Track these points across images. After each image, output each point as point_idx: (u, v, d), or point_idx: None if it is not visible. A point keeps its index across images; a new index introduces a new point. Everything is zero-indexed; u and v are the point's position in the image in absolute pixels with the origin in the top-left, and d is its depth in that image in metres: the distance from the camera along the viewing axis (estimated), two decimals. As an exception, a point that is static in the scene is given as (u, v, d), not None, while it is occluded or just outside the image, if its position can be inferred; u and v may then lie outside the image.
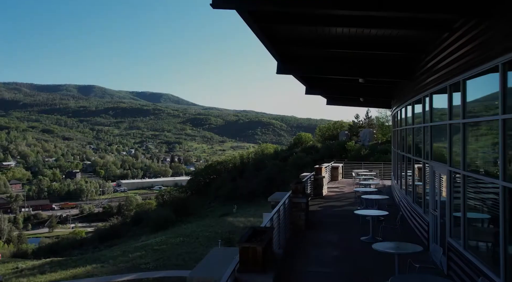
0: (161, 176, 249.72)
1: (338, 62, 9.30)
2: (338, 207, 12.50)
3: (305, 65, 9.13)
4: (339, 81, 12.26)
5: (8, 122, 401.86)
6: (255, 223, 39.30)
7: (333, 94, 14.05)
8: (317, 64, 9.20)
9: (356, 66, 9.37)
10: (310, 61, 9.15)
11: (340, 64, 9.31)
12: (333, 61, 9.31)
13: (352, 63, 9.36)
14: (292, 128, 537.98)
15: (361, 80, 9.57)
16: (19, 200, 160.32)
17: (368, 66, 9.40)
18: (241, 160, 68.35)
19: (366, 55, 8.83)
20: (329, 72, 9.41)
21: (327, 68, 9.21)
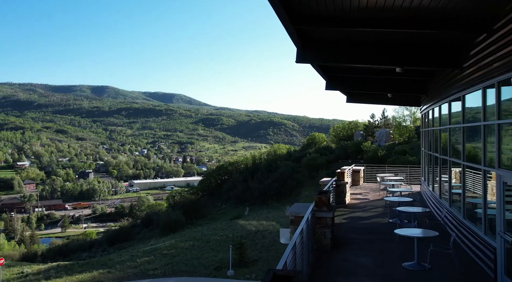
0: (173, 176, 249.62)
1: (369, 47, 7.67)
2: (365, 219, 10.58)
3: (329, 52, 7.52)
4: (365, 73, 10.62)
5: (23, 122, 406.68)
6: (268, 228, 37.80)
7: (357, 89, 12.32)
8: (343, 49, 7.53)
9: (392, 52, 7.71)
10: (335, 47, 7.56)
11: (372, 49, 7.64)
12: (363, 46, 7.69)
13: (387, 47, 7.70)
14: (304, 128, 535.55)
15: (399, 70, 7.87)
16: (33, 200, 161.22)
17: (408, 52, 7.71)
18: (253, 160, 66.95)
19: (407, 36, 7.16)
20: (357, 59, 7.66)
21: (355, 55, 7.53)
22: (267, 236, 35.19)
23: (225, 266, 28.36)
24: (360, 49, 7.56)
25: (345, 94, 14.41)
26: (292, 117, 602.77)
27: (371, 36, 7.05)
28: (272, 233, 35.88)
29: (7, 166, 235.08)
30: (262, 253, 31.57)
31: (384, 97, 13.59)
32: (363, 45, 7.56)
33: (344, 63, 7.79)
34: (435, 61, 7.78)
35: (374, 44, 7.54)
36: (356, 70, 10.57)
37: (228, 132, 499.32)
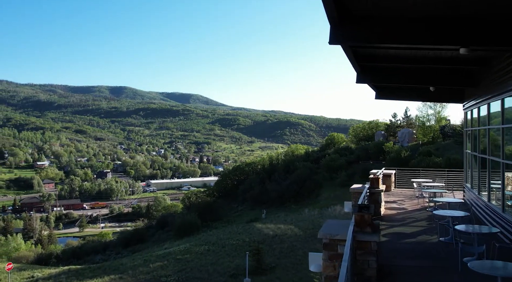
0: (190, 177, 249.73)
1: (423, 24, 5.99)
2: (410, 237, 8.49)
3: (371, 28, 5.90)
4: (405, 61, 8.93)
5: (43, 122, 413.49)
6: (286, 232, 36.20)
7: (393, 81, 10.59)
8: (391, 25, 5.92)
9: (456, 29, 6.00)
10: (380, 22, 5.95)
11: (424, 25, 5.93)
12: (416, 23, 6.02)
13: (446, 24, 5.99)
14: (321, 128, 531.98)
15: (464, 51, 6.19)
16: (52, 200, 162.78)
17: (473, 29, 5.99)
18: (270, 161, 65.45)
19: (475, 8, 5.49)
20: (408, 38, 5.98)
21: (405, 32, 5.87)
22: (285, 241, 33.61)
23: (241, 273, 26.91)
24: (411, 24, 5.92)
25: (376, 88, 12.75)
26: (309, 117, 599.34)
27: (430, 8, 5.41)
28: (290, 237, 34.28)
29: (27, 166, 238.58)
30: (280, 260, 30.01)
31: (422, 91, 11.88)
32: (418, 22, 5.91)
33: (390, 42, 6.15)
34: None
35: (431, 19, 5.88)
36: (395, 58, 8.93)
37: (245, 132, 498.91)
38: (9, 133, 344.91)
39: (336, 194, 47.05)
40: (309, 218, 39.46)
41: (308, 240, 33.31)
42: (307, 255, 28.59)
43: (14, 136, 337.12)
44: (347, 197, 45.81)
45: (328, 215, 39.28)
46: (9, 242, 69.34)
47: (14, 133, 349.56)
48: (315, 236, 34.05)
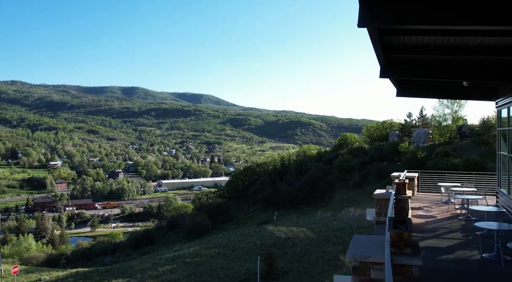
0: (201, 177, 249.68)
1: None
2: (446, 253, 6.93)
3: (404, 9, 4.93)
4: (435, 51, 7.86)
5: (56, 123, 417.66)
6: (298, 235, 35.16)
7: (422, 75, 9.43)
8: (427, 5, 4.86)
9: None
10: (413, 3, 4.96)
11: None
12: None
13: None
14: (333, 128, 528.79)
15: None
16: (64, 199, 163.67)
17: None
18: (281, 162, 64.38)
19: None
20: (452, 17, 4.86)
21: (448, 10, 4.79)
22: (298, 244, 32.57)
23: (252, 278, 25.99)
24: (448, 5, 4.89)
25: (399, 84, 11.65)
26: (320, 117, 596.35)
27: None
28: (303, 241, 33.23)
29: (40, 166, 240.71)
30: (292, 264, 29.01)
31: (452, 87, 10.80)
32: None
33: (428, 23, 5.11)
34: None
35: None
36: (426, 48, 7.88)
37: (256, 132, 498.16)
38: (23, 133, 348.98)
39: (350, 195, 45.88)
40: (322, 221, 38.35)
41: (322, 244, 32.25)
42: (320, 259, 27.52)
43: (28, 136, 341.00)
44: (361, 199, 44.53)
45: (342, 218, 38.14)
46: (21, 242, 69.39)
47: (28, 133, 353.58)
48: (329, 239, 33.00)
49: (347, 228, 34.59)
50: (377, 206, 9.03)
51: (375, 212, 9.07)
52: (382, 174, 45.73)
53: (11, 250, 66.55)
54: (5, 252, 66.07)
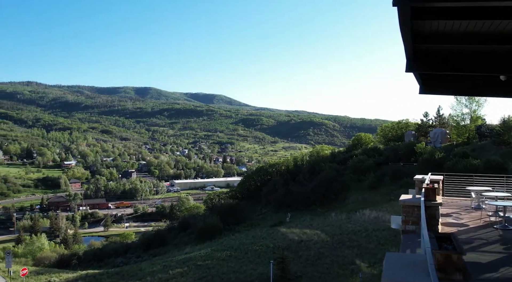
0: (213, 177, 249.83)
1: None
2: (489, 270, 5.27)
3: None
4: (471, 40, 6.99)
5: (70, 123, 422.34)
6: (312, 237, 34.25)
7: (454, 68, 8.52)
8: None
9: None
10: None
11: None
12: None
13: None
14: (345, 128, 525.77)
15: None
16: (78, 199, 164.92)
17: None
18: (294, 162, 63.46)
19: None
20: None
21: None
22: (312, 247, 31.69)
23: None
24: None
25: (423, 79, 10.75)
26: (332, 117, 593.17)
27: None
28: (317, 244, 32.33)
29: (55, 165, 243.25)
30: (306, 268, 28.16)
31: (485, 82, 9.87)
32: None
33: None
34: None
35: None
36: (457, 37, 7.02)
37: (268, 132, 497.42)
38: (38, 133, 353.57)
39: (364, 197, 44.81)
40: (336, 223, 37.36)
41: (336, 247, 31.32)
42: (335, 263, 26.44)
43: (43, 136, 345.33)
44: (377, 201, 43.31)
45: (357, 220, 37.12)
46: (34, 242, 69.65)
47: (42, 133, 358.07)
48: (344, 242, 32.04)
49: (362, 231, 33.60)
50: (404, 213, 8.16)
51: (402, 220, 8.20)
52: (398, 175, 44.54)
53: (24, 249, 66.83)
54: (18, 252, 66.38)
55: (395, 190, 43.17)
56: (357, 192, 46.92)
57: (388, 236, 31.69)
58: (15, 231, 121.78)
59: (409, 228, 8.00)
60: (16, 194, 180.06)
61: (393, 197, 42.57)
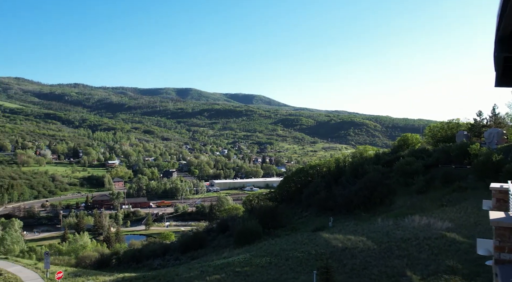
0: (252, 177, 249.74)
1: None
2: None
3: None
4: None
5: (114, 123, 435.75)
6: (357, 245, 32.07)
7: None
8: None
9: None
10: None
11: None
12: None
13: None
14: (387, 128, 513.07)
15: None
16: (120, 198, 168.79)
17: None
18: (336, 163, 61.07)
19: None
20: None
21: None
22: (357, 255, 29.53)
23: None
24: None
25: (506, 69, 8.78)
26: (374, 117, 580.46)
27: None
28: (363, 252, 30.13)
29: (99, 165, 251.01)
30: (352, 279, 26.10)
31: None
32: None
33: None
34: None
35: None
36: None
37: (308, 132, 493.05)
38: (84, 133, 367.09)
39: (413, 201, 42.00)
40: (383, 229, 34.91)
41: (384, 256, 29.03)
42: (383, 274, 23.95)
43: (89, 136, 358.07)
44: (426, 206, 40.22)
45: (406, 227, 34.55)
46: (77, 240, 70.98)
47: (88, 133, 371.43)
48: (393, 251, 29.61)
49: (412, 239, 31.06)
50: (498, 237, 6.29)
51: (495, 245, 6.33)
52: (450, 179, 41.50)
53: (68, 247, 68.30)
54: (63, 249, 67.94)
55: (447, 195, 40.18)
56: (405, 197, 44.14)
57: (442, 246, 29.10)
58: (61, 228, 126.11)
59: (505, 257, 6.16)
60: (63, 192, 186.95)
61: (445, 203, 39.63)
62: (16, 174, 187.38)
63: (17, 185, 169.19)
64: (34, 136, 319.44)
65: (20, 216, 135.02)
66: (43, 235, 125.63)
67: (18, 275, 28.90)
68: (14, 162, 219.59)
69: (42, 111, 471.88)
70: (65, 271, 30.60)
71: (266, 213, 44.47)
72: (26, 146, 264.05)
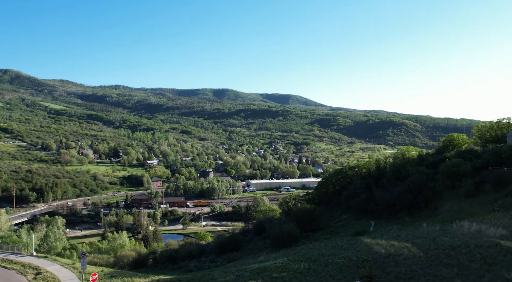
0: (288, 177, 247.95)
1: None
2: None
3: None
4: None
5: (153, 124, 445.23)
6: (401, 251, 30.24)
7: None
8: None
9: None
10: None
11: None
12: None
13: None
14: (428, 128, 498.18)
15: None
16: (158, 197, 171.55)
17: None
18: (377, 165, 58.78)
19: None
20: None
21: None
22: (402, 263, 27.73)
23: (349, 305, 22.13)
24: None
25: None
26: (413, 117, 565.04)
27: None
28: (408, 259, 28.28)
29: (138, 164, 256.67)
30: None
31: None
32: None
33: None
34: None
35: None
36: None
37: (345, 132, 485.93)
38: (124, 134, 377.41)
39: (461, 206, 39.42)
40: (429, 235, 32.81)
41: (432, 265, 27.11)
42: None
43: (128, 136, 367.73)
44: (476, 211, 37.37)
45: (454, 233, 32.29)
46: (116, 239, 72.00)
47: (128, 133, 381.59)
48: (440, 259, 27.48)
49: (462, 247, 28.91)
50: None
51: None
52: (502, 182, 38.72)
53: (107, 246, 69.41)
54: (102, 247, 69.13)
55: (499, 199, 37.45)
56: (452, 201, 41.60)
57: (496, 255, 26.89)
58: (102, 226, 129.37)
59: None
60: (103, 190, 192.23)
61: (497, 208, 36.89)
62: (60, 173, 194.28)
63: (60, 184, 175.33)
64: (77, 136, 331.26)
65: (64, 214, 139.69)
66: (85, 233, 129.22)
67: (56, 275, 29.06)
68: (58, 161, 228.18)
69: (84, 112, 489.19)
70: (102, 271, 30.56)
71: (304, 215, 43.12)
72: (70, 146, 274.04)
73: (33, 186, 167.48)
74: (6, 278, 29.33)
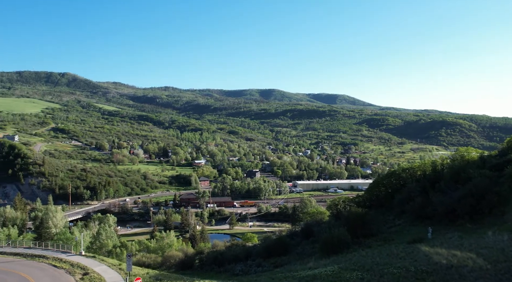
0: (336, 178, 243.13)
1: None
2: None
3: None
4: None
5: (201, 124, 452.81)
6: (465, 262, 27.49)
7: None
8: None
9: None
10: None
11: None
12: None
13: None
14: (484, 128, 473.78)
15: None
16: (206, 196, 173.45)
17: None
18: (433, 167, 55.20)
19: None
20: None
21: None
22: (466, 276, 25.13)
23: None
24: None
25: None
26: (468, 116, 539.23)
27: None
28: (473, 272, 25.62)
29: (186, 164, 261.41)
30: (463, 306, 22.07)
31: None
32: None
33: None
34: None
35: None
36: None
37: (395, 132, 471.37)
38: (173, 134, 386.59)
39: None
40: (496, 245, 29.74)
41: (502, 279, 24.31)
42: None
43: (177, 136, 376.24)
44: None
45: (526, 244, 29.11)
46: (164, 238, 72.66)
47: (177, 133, 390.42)
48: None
49: (537, 259, 25.83)
50: None
51: None
52: None
53: (155, 245, 70.17)
54: (151, 246, 69.93)
55: None
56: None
57: None
58: (151, 224, 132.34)
59: None
60: (153, 189, 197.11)
61: None
62: (112, 172, 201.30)
63: (113, 182, 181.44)
64: (129, 136, 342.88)
65: (115, 212, 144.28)
66: (135, 231, 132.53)
67: (103, 276, 28.98)
68: (111, 160, 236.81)
69: (136, 113, 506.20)
70: (147, 274, 30.20)
71: (355, 219, 40.89)
72: (121, 146, 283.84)
73: (87, 184, 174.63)
74: (56, 277, 29.63)
